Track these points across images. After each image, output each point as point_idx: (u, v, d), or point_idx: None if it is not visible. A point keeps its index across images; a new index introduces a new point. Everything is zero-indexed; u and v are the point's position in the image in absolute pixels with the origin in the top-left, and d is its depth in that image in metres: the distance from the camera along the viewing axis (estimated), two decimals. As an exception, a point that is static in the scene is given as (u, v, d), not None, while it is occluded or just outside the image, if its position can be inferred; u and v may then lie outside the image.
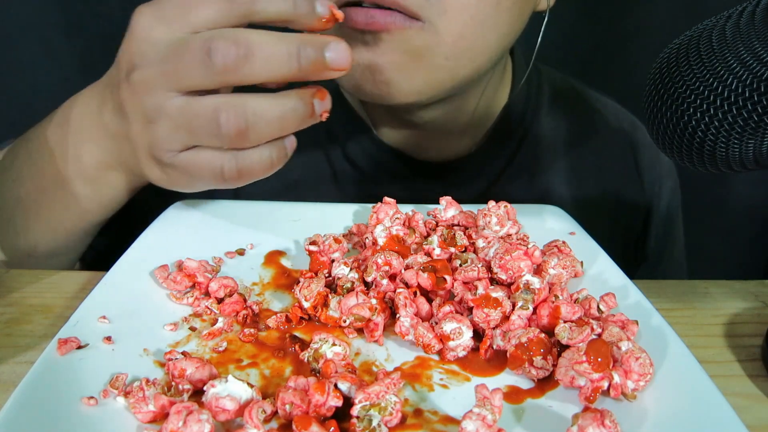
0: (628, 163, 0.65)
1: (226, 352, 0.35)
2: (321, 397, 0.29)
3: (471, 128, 0.61)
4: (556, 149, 0.63)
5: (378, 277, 0.39)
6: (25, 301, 0.44)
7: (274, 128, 0.38)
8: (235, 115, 0.37)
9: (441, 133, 0.60)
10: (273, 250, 0.46)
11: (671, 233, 0.69)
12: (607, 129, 0.66)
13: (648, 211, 0.66)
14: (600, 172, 0.64)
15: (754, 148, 0.33)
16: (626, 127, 0.67)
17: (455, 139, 0.61)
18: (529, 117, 0.63)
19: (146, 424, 0.29)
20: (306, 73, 0.38)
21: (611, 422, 0.27)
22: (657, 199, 0.66)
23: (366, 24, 0.45)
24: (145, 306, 0.38)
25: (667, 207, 0.67)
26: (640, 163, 0.65)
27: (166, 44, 0.37)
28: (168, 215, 0.49)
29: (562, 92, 0.66)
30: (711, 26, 0.35)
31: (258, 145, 0.39)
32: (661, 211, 0.67)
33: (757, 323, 0.43)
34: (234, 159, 0.39)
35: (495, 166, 0.61)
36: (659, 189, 0.66)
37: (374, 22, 0.45)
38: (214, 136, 0.38)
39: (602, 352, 0.31)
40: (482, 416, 0.28)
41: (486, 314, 0.35)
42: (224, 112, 0.37)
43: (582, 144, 0.64)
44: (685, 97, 0.35)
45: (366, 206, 0.50)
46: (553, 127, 0.63)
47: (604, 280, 0.41)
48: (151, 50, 0.38)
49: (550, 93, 0.65)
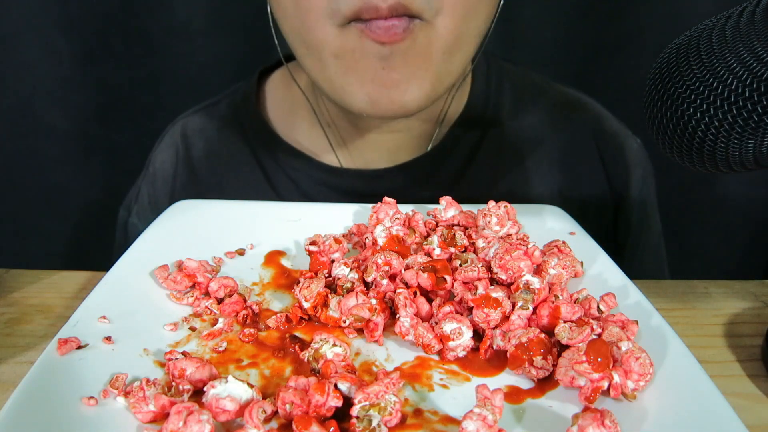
0: (592, 155, 0.65)
1: (226, 352, 0.35)
2: (321, 398, 0.29)
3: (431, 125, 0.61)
4: (518, 146, 0.63)
5: (378, 277, 0.39)
6: (25, 301, 0.44)
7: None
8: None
9: (404, 140, 0.60)
10: (273, 250, 0.46)
11: (645, 222, 0.68)
12: (570, 123, 0.65)
13: (617, 201, 0.66)
14: (564, 167, 0.64)
15: (754, 148, 0.33)
16: (589, 118, 0.66)
17: (416, 142, 0.61)
18: (489, 114, 0.63)
19: (146, 424, 0.29)
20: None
21: (611, 422, 0.27)
22: (626, 189, 0.66)
23: (388, 37, 0.46)
24: (145, 306, 0.38)
25: (638, 196, 0.67)
26: (604, 154, 0.65)
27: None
28: (168, 215, 0.49)
29: (524, 88, 0.66)
30: (711, 26, 0.35)
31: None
32: (631, 200, 0.66)
33: (757, 323, 0.43)
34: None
35: (454, 164, 0.61)
36: (627, 178, 0.66)
37: (394, 33, 0.46)
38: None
39: (602, 352, 0.31)
40: (483, 416, 0.28)
41: (486, 314, 0.35)
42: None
43: (545, 139, 0.64)
44: (685, 97, 0.35)
45: (366, 206, 0.50)
46: (515, 124, 0.63)
47: (604, 280, 0.41)
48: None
49: (511, 90, 0.65)
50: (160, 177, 0.65)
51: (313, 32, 0.48)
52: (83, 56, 0.89)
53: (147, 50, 0.90)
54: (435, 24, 0.47)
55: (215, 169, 0.64)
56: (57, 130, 0.93)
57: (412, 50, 0.47)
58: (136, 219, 0.67)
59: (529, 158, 0.63)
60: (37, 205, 0.96)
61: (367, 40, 0.46)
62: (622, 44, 0.91)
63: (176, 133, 0.66)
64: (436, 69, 0.49)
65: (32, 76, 0.89)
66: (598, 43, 0.92)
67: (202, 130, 0.65)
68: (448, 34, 0.48)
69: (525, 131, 0.63)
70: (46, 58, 0.89)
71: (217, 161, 0.64)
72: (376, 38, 0.46)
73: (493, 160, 0.62)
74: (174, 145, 0.66)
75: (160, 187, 0.65)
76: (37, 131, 0.92)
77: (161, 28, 0.89)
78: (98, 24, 0.88)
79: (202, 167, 0.64)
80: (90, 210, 0.96)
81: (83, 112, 0.92)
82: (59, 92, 0.90)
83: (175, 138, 0.66)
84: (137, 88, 0.92)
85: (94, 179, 0.96)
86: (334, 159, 0.61)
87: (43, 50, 0.88)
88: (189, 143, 0.65)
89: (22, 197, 0.95)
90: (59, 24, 0.87)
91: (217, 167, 0.64)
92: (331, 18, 0.46)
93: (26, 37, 0.88)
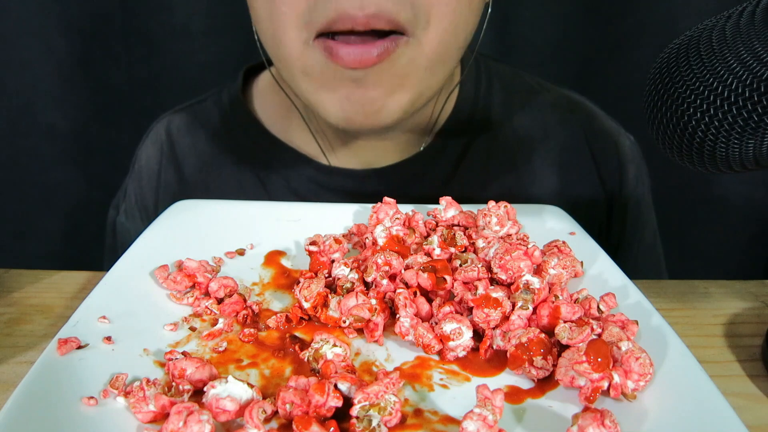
0: (584, 154, 0.65)
1: (226, 352, 0.35)
2: (321, 398, 0.29)
3: (422, 132, 0.61)
4: (510, 146, 0.63)
5: (378, 278, 0.39)
6: (25, 301, 0.44)
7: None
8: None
9: (394, 144, 0.60)
10: (273, 250, 0.46)
11: (640, 219, 0.68)
12: (562, 122, 0.65)
13: (610, 199, 0.66)
14: (556, 166, 0.64)
15: (754, 148, 0.33)
16: (582, 117, 0.66)
17: (406, 146, 0.61)
18: (478, 115, 0.63)
19: (146, 424, 0.29)
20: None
21: (611, 422, 0.27)
22: (619, 187, 0.65)
23: (359, 62, 0.43)
24: (145, 306, 0.38)
25: (632, 194, 0.66)
26: (596, 153, 0.65)
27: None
28: (168, 215, 0.49)
29: (515, 89, 0.65)
30: (711, 26, 0.35)
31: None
32: (624, 198, 0.66)
33: (757, 323, 0.43)
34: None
35: (445, 165, 0.61)
36: (620, 176, 0.66)
37: (365, 59, 0.43)
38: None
39: (602, 352, 0.31)
40: (483, 416, 0.28)
41: (486, 314, 0.35)
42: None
43: (537, 139, 0.64)
44: (685, 97, 0.35)
45: (366, 206, 0.50)
46: (505, 125, 0.63)
47: (604, 280, 0.41)
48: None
49: (501, 90, 0.64)
50: (146, 174, 0.65)
51: (281, 47, 0.47)
52: (83, 56, 0.89)
53: (147, 50, 0.90)
54: (420, 39, 0.45)
55: (201, 167, 0.64)
56: (57, 130, 0.93)
57: (389, 71, 0.45)
58: (123, 218, 0.67)
59: (520, 158, 0.63)
60: (37, 205, 0.96)
61: (334, 64, 0.44)
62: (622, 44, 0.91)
63: (161, 130, 0.66)
64: (417, 85, 0.48)
65: (32, 76, 0.90)
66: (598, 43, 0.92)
67: (188, 127, 0.65)
68: (432, 51, 0.46)
69: (516, 131, 0.63)
70: (46, 59, 0.89)
71: (203, 158, 0.64)
72: (344, 65, 0.44)
73: (484, 160, 0.62)
74: (158, 142, 0.65)
75: (146, 185, 0.65)
76: (37, 131, 0.93)
77: (161, 28, 0.89)
78: (98, 24, 0.88)
79: (188, 164, 0.64)
80: (90, 210, 0.96)
81: (83, 112, 0.92)
82: (59, 92, 0.90)
83: (159, 135, 0.66)
84: (137, 88, 0.92)
85: (94, 179, 0.96)
86: (325, 160, 0.61)
87: (43, 50, 0.88)
88: (174, 140, 0.65)
89: (22, 197, 0.95)
90: (59, 25, 0.88)
91: (203, 164, 0.64)
92: (301, 31, 0.44)
93: (26, 38, 0.88)
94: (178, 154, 0.65)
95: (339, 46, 0.44)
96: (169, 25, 0.89)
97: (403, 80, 0.47)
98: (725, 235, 1.00)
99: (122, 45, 0.89)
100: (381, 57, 0.44)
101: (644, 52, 0.88)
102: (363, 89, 0.46)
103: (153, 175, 0.65)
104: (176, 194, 0.62)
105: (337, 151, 0.61)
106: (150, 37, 0.89)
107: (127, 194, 0.67)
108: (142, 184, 0.65)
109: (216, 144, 0.64)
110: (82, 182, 0.96)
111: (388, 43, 0.44)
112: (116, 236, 0.67)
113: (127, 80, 0.91)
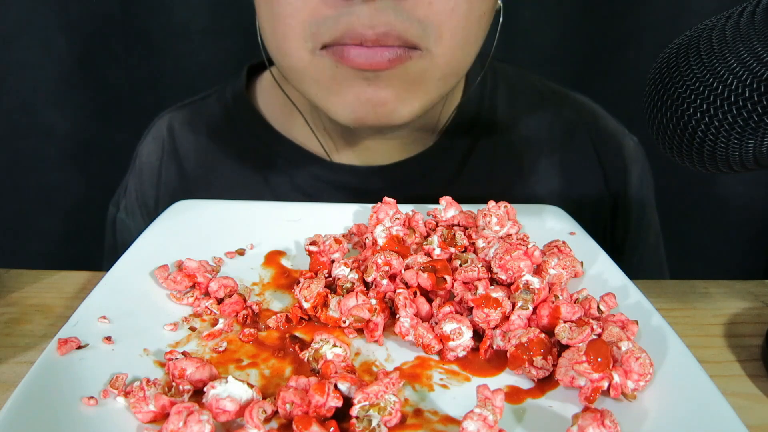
0: (589, 155, 0.65)
1: (226, 352, 0.35)
2: (321, 398, 0.29)
3: (426, 131, 0.61)
4: (514, 146, 0.63)
5: (378, 278, 0.39)
6: (25, 301, 0.44)
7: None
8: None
9: (399, 143, 0.60)
10: (273, 250, 0.46)
11: (644, 220, 0.68)
12: (566, 123, 0.65)
13: (614, 200, 0.66)
14: (560, 167, 0.64)
15: (754, 148, 0.33)
16: (586, 118, 0.66)
17: (411, 145, 0.61)
18: (483, 116, 0.63)
19: (146, 424, 0.29)
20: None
21: (611, 422, 0.27)
22: (623, 188, 0.66)
23: (369, 65, 0.43)
24: (145, 306, 0.38)
25: (636, 195, 0.67)
26: (601, 154, 0.65)
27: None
28: (168, 215, 0.49)
29: (519, 89, 0.66)
30: (711, 26, 0.35)
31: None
32: (629, 199, 0.66)
33: (757, 323, 0.43)
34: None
35: (450, 164, 0.61)
36: (625, 177, 0.66)
37: (377, 62, 0.43)
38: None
39: (602, 352, 0.31)
40: (483, 416, 0.28)
41: (486, 314, 0.35)
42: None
43: (541, 140, 0.64)
44: (685, 97, 0.35)
45: (366, 206, 0.50)
46: (509, 125, 0.63)
47: (604, 280, 0.41)
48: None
49: (506, 91, 0.64)
50: (146, 171, 0.65)
51: (287, 57, 0.47)
52: (83, 56, 0.89)
53: (147, 50, 0.90)
54: (433, 53, 0.45)
55: (202, 163, 0.64)
56: (57, 130, 0.92)
57: (401, 77, 0.45)
58: (123, 214, 0.67)
59: (525, 158, 0.63)
60: (37, 205, 0.96)
61: (344, 67, 0.44)
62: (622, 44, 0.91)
63: (162, 126, 0.66)
64: (429, 93, 0.48)
65: (32, 76, 0.90)
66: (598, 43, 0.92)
67: (190, 124, 0.65)
68: (445, 63, 0.46)
69: (521, 132, 0.63)
70: (46, 58, 0.89)
71: (204, 155, 0.64)
72: (355, 66, 0.44)
73: (489, 159, 0.62)
74: (160, 139, 0.65)
75: (147, 181, 0.65)
76: (37, 131, 0.92)
77: (161, 28, 0.89)
78: (98, 24, 0.88)
79: (190, 161, 0.64)
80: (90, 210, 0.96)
81: (83, 112, 0.92)
82: (59, 92, 0.90)
83: (161, 131, 0.66)
84: (137, 88, 0.92)
85: (94, 179, 0.96)
86: (328, 158, 0.61)
87: (43, 50, 0.88)
88: (175, 137, 0.65)
89: (21, 197, 0.95)
90: (59, 24, 0.88)
91: (205, 161, 0.64)
92: (307, 41, 0.44)
93: (26, 37, 0.88)
94: (179, 151, 0.65)
95: (349, 49, 0.43)
96: (169, 25, 0.89)
97: (415, 87, 0.47)
98: (725, 235, 1.00)
99: (122, 45, 0.89)
100: (393, 63, 0.44)
101: (644, 52, 0.88)
102: (374, 88, 0.46)
103: (154, 171, 0.65)
104: (177, 191, 0.62)
105: (341, 149, 0.61)
106: (150, 37, 0.89)
107: (127, 191, 0.67)
108: (143, 180, 0.65)
109: (218, 140, 0.64)
110: (82, 182, 0.96)
111: (401, 51, 0.44)
112: (116, 233, 0.67)
113: (127, 80, 0.91)
